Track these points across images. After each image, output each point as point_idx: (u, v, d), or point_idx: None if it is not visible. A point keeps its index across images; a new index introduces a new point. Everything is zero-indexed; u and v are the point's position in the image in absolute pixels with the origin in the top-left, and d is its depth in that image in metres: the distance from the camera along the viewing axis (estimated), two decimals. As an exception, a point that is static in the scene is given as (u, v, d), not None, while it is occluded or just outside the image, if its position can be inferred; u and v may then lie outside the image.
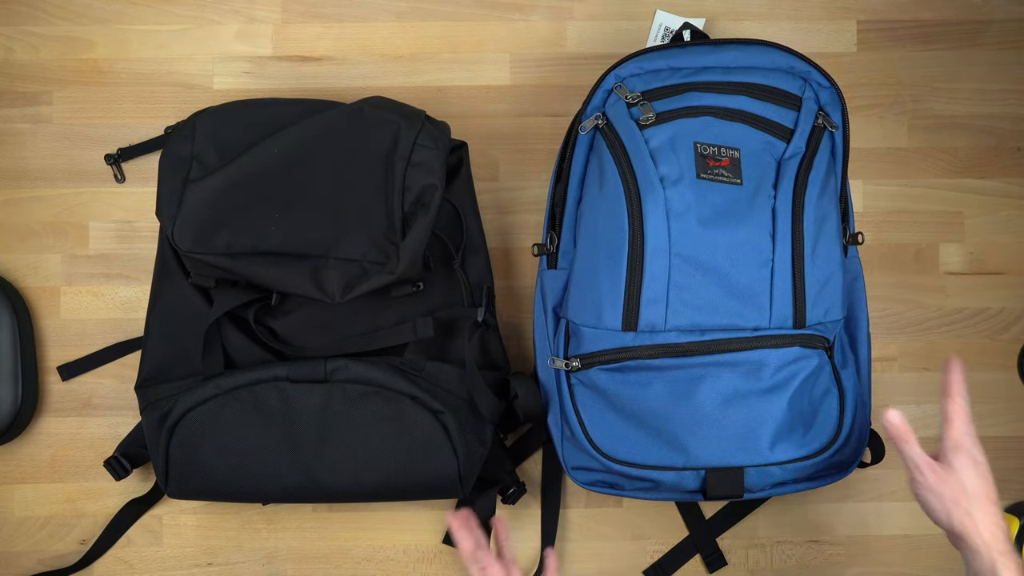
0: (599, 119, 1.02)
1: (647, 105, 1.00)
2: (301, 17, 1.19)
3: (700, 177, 0.97)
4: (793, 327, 0.98)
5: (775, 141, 1.00)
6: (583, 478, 1.04)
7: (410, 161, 1.03)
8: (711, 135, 0.99)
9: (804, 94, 1.02)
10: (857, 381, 1.04)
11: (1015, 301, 1.18)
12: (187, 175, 1.03)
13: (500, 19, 1.19)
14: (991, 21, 1.20)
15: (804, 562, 1.16)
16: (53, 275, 1.17)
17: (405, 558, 1.16)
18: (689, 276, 0.96)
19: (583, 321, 1.00)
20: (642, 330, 0.97)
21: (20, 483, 1.16)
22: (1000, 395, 1.18)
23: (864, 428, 1.04)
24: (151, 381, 1.07)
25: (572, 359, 1.01)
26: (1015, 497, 1.17)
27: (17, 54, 1.18)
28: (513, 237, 1.18)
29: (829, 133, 1.02)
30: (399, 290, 1.05)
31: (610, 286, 0.98)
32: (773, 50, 1.02)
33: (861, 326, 1.08)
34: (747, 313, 0.97)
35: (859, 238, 1.06)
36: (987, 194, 1.19)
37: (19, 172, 1.17)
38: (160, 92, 1.18)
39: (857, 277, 1.09)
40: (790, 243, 0.97)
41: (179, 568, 1.15)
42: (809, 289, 0.98)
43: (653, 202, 0.97)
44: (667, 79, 1.01)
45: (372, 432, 1.02)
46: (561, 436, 1.05)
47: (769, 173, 0.99)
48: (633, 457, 0.99)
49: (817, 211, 0.99)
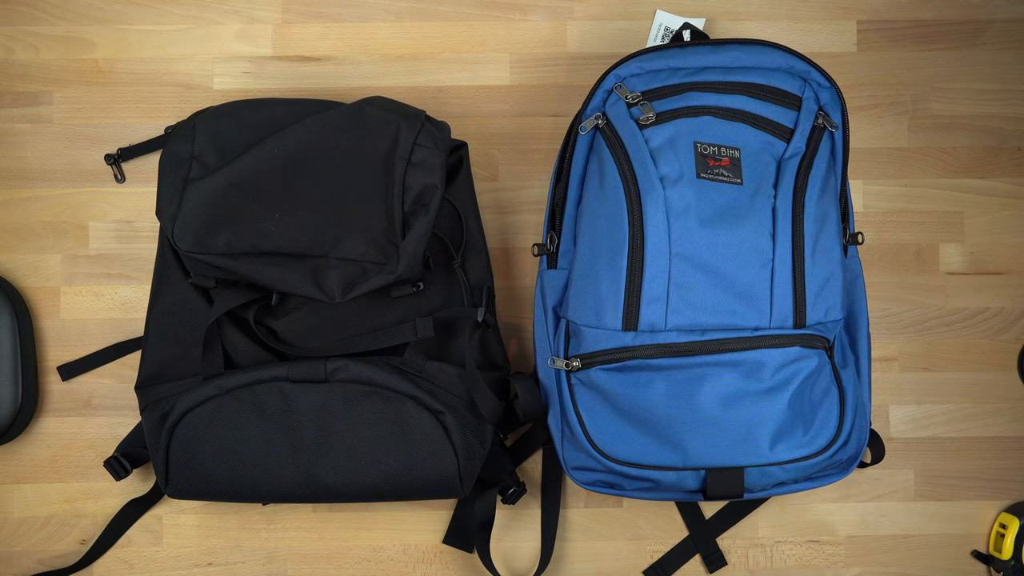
0: (599, 119, 1.02)
1: (647, 105, 1.00)
2: (301, 17, 1.19)
3: (700, 177, 0.97)
4: (793, 327, 0.98)
5: (775, 141, 1.00)
6: (583, 478, 1.04)
7: (410, 161, 1.03)
8: (711, 135, 0.99)
9: (804, 94, 1.02)
10: (857, 381, 1.04)
11: (1015, 301, 1.18)
12: (187, 175, 1.03)
13: (500, 19, 1.19)
14: (991, 21, 1.20)
15: (804, 562, 1.16)
16: (53, 275, 1.17)
17: (405, 558, 1.16)
18: (689, 276, 0.96)
19: (583, 321, 1.00)
20: (642, 330, 0.97)
21: (20, 483, 1.16)
22: (1000, 395, 1.18)
23: (864, 428, 1.04)
24: (151, 381, 1.07)
25: (572, 359, 1.01)
26: (1015, 497, 1.17)
27: (17, 54, 1.18)
28: (513, 237, 1.18)
29: (829, 133, 1.02)
30: (399, 290, 1.05)
31: (610, 286, 0.98)
32: (773, 50, 1.02)
33: (861, 326, 1.08)
34: (747, 313, 0.97)
35: (859, 238, 1.06)
36: (987, 194, 1.19)
37: (19, 172, 1.17)
38: (160, 92, 1.18)
39: (857, 277, 1.09)
40: (790, 243, 0.97)
41: (179, 568, 1.15)
42: (809, 289, 0.98)
43: (653, 202, 0.97)
44: (667, 79, 1.01)
45: (372, 432, 1.02)
46: (561, 436, 1.05)
47: (769, 173, 0.99)
48: (633, 457, 0.99)
49: (817, 211, 0.99)
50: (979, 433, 1.18)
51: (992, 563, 1.16)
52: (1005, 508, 1.17)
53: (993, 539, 1.16)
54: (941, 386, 1.18)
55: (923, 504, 1.17)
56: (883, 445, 1.09)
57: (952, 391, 1.18)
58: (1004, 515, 1.16)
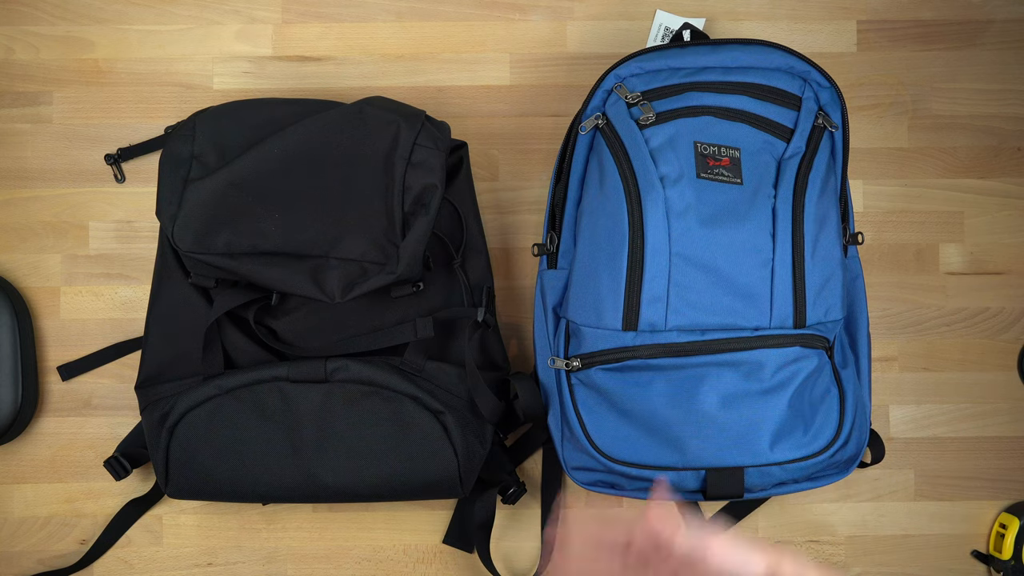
0: (599, 119, 1.02)
1: (647, 105, 1.00)
2: (301, 17, 1.19)
3: (700, 176, 0.97)
4: (793, 327, 0.98)
5: (775, 141, 1.00)
6: (583, 478, 1.04)
7: (410, 161, 1.03)
8: (711, 135, 0.99)
9: (804, 94, 1.02)
10: (857, 381, 1.04)
11: (1015, 301, 1.18)
12: (187, 175, 1.03)
13: (500, 19, 1.19)
14: (991, 21, 1.20)
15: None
16: (53, 275, 1.17)
17: (405, 558, 1.16)
18: (689, 276, 0.96)
19: (583, 321, 1.00)
20: (642, 330, 0.97)
21: (20, 483, 1.16)
22: (1000, 395, 1.18)
23: (864, 428, 1.04)
24: (151, 381, 1.07)
25: (572, 359, 1.01)
26: (1015, 497, 1.17)
27: (17, 54, 1.18)
28: (513, 237, 1.18)
29: (829, 133, 1.02)
30: (399, 290, 1.05)
31: (610, 285, 0.98)
32: (773, 50, 1.02)
33: (861, 326, 1.08)
34: (747, 313, 0.97)
35: (859, 238, 1.06)
36: (987, 194, 1.19)
37: (19, 172, 1.17)
38: (160, 92, 1.18)
39: (857, 277, 1.09)
40: (790, 243, 0.97)
41: (179, 568, 1.15)
42: (809, 289, 0.98)
43: (653, 202, 0.97)
44: (667, 79, 1.01)
45: (372, 432, 1.02)
46: (561, 436, 1.05)
47: (769, 173, 0.99)
48: (633, 457, 0.99)
49: (817, 211, 0.99)
50: (979, 433, 1.18)
51: (992, 563, 1.16)
52: (1005, 508, 1.17)
53: (993, 539, 1.16)
54: (941, 386, 1.18)
55: (923, 504, 1.17)
56: (883, 445, 1.09)
57: (952, 391, 1.18)
58: (1004, 515, 1.16)
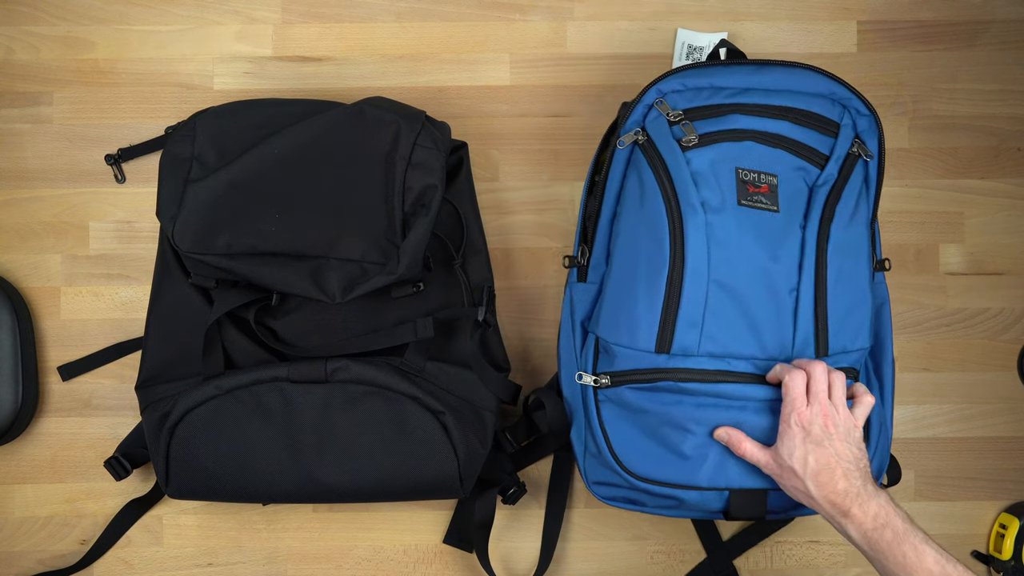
0: (639, 135, 1.00)
1: (689, 126, 0.98)
2: (301, 17, 1.19)
3: (741, 204, 0.97)
4: (815, 355, 0.97)
5: (809, 167, 0.99)
6: (604, 493, 1.03)
7: (410, 161, 1.03)
8: (752, 160, 0.98)
9: (843, 120, 1.01)
10: (881, 406, 1.04)
11: (1015, 301, 1.18)
12: (187, 175, 1.03)
13: (500, 19, 1.19)
14: (991, 21, 1.19)
15: (804, 562, 1.16)
16: (53, 275, 1.17)
17: (405, 558, 1.16)
18: (723, 303, 0.96)
19: (616, 340, 0.99)
20: (675, 353, 0.96)
21: (20, 483, 1.16)
22: (1000, 395, 1.18)
23: (885, 452, 1.03)
24: (151, 381, 1.07)
25: (602, 376, 1.00)
26: (1015, 497, 1.17)
27: (17, 54, 1.18)
28: (513, 237, 1.18)
29: (863, 161, 1.01)
30: (399, 290, 1.05)
31: (647, 307, 0.97)
32: (816, 75, 1.01)
33: (886, 351, 1.07)
34: (772, 340, 0.97)
35: (886, 264, 1.06)
36: (987, 194, 1.19)
37: (19, 172, 1.17)
38: (160, 92, 1.18)
39: (884, 303, 1.08)
40: (814, 272, 0.97)
41: (179, 568, 1.15)
42: (832, 316, 0.97)
43: (695, 226, 0.96)
44: (709, 98, 1.00)
45: (372, 432, 1.02)
46: (584, 450, 1.04)
47: (800, 200, 0.98)
48: (658, 475, 0.99)
49: (844, 240, 0.98)
50: (979, 433, 1.18)
51: (992, 563, 1.16)
52: (1005, 508, 1.17)
53: (993, 539, 1.16)
54: (941, 386, 1.18)
55: (923, 504, 1.17)
56: (899, 469, 1.08)
57: (952, 391, 1.18)
58: (1004, 515, 1.16)
